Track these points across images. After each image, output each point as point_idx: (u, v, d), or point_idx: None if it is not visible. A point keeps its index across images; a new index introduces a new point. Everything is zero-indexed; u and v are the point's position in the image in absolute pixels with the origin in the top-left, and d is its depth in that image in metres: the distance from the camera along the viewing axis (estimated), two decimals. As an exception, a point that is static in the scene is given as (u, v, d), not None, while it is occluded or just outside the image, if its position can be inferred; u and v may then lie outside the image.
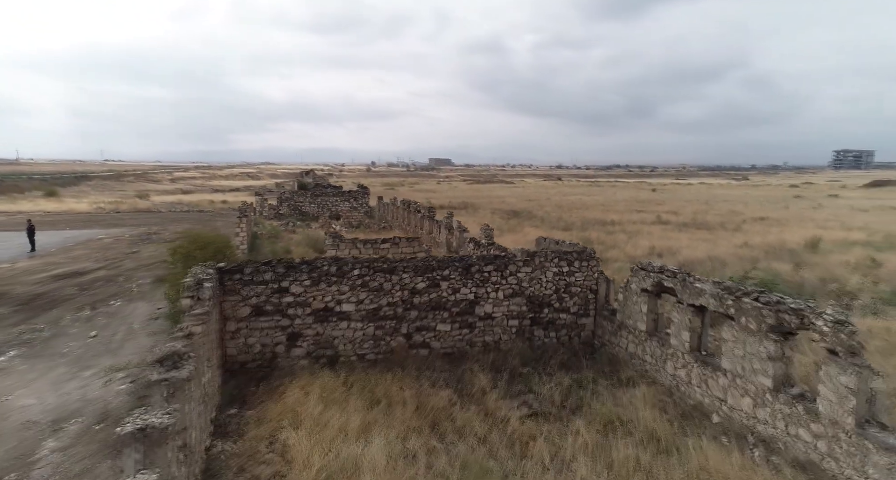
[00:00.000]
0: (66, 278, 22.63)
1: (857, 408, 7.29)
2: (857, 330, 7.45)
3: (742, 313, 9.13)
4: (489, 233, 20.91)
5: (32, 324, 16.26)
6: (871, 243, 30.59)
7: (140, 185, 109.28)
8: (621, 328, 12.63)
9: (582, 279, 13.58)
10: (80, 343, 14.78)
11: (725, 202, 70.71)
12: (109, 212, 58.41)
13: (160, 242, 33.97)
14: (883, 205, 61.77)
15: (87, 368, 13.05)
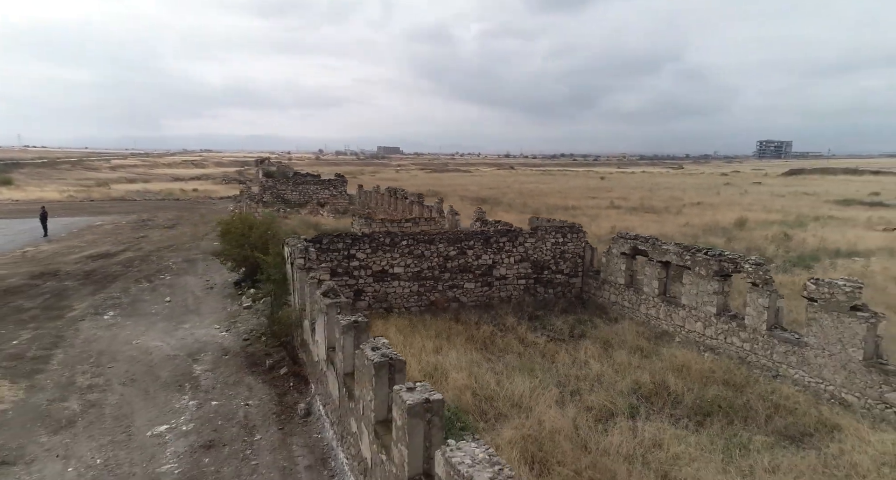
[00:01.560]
0: (101, 258, 24.54)
1: (768, 318, 11.21)
2: (769, 268, 11.36)
3: (696, 264, 12.96)
4: (482, 214, 24.34)
5: (107, 293, 18.54)
6: (785, 222, 35.95)
7: (78, 173, 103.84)
8: (604, 283, 16.40)
9: (573, 247, 17.26)
10: (161, 306, 17.31)
11: (666, 189, 76.39)
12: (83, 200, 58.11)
13: (158, 227, 35.65)
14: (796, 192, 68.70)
15: (182, 322, 15.72)
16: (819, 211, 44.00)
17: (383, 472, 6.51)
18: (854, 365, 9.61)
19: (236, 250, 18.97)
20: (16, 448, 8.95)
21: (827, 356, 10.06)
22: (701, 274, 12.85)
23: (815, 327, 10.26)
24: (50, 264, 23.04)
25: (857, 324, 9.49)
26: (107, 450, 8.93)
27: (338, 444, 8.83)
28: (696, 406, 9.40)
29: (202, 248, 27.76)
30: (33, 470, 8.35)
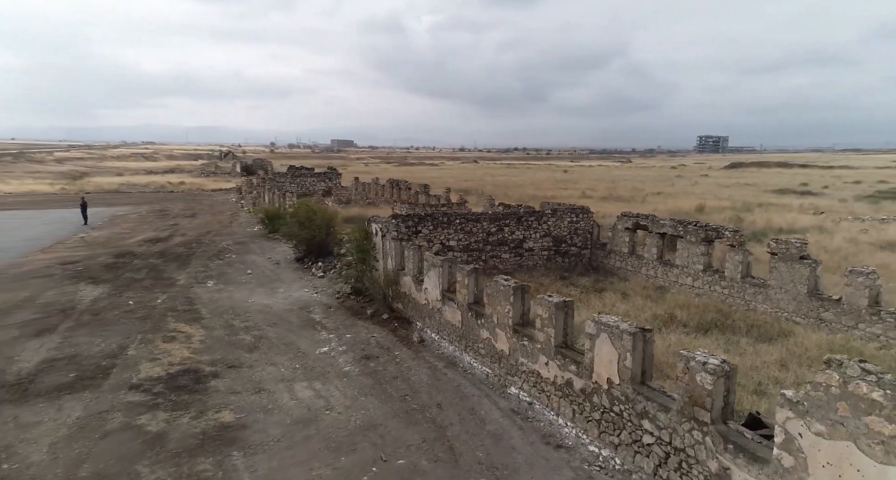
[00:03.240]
0: (157, 242, 26.98)
1: (742, 270, 15.37)
2: (743, 234, 15.53)
3: (688, 233, 17.05)
4: (493, 201, 28.03)
5: (192, 269, 21.29)
6: (734, 207, 41.24)
7: (25, 166, 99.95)
8: (611, 253, 20.41)
9: (584, 225, 21.19)
10: (247, 277, 20.26)
11: (626, 180, 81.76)
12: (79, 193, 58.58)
13: (179, 217, 37.82)
14: (738, 183, 75.19)
15: (274, 288, 18.78)
16: (761, 199, 50.28)
17: (525, 351, 10.15)
18: (801, 296, 13.85)
19: (304, 232, 22.04)
20: (233, 360, 12.12)
21: (783, 292, 14.28)
22: (691, 241, 16.96)
23: (774, 273, 14.48)
24: (116, 247, 25.39)
25: (804, 268, 13.72)
26: (295, 361, 12.21)
27: (462, 352, 12.39)
28: (699, 326, 13.40)
29: (242, 233, 30.43)
30: (256, 371, 11.59)
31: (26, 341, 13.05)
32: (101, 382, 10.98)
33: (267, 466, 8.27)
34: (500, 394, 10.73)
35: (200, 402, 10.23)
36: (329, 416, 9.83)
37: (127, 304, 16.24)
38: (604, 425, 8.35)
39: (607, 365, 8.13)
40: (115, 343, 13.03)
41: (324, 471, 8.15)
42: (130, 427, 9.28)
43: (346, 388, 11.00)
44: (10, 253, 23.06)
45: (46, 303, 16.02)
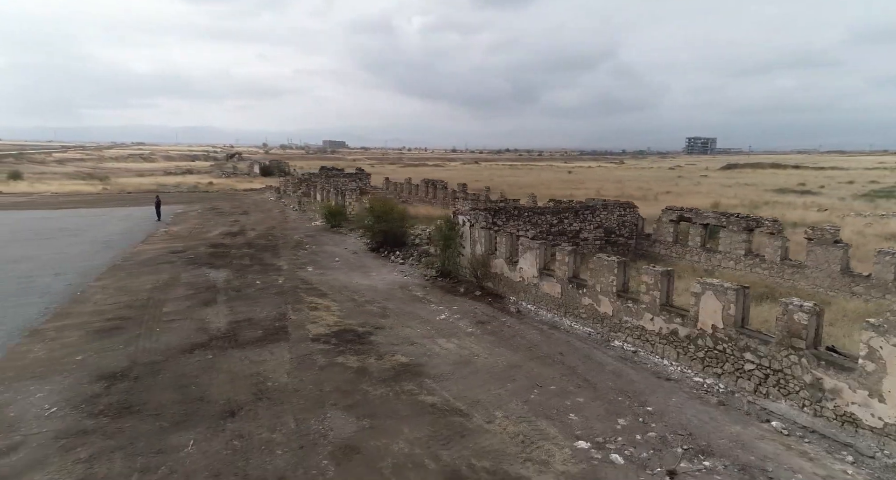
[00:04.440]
0: (236, 236, 29.28)
1: (781, 254, 17.89)
2: (782, 224, 18.06)
3: (730, 223, 19.57)
4: (535, 199, 30.49)
5: (284, 257, 23.64)
6: (743, 205, 43.88)
7: (30, 167, 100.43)
8: (655, 242, 22.92)
9: (630, 218, 23.69)
10: (337, 263, 22.64)
11: (631, 180, 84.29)
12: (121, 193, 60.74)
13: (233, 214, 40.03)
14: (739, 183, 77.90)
15: (366, 273, 21.14)
16: (764, 197, 52.96)
17: (629, 312, 12.61)
18: (835, 274, 16.40)
19: (381, 224, 24.45)
20: (374, 323, 14.55)
21: (819, 271, 16.83)
22: (733, 230, 19.49)
23: (811, 255, 17.03)
24: (203, 239, 27.71)
25: (838, 250, 16.27)
26: (424, 325, 14.62)
27: (561, 318, 14.85)
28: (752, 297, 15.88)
29: (304, 228, 32.81)
30: (398, 331, 14.03)
31: (201, 309, 15.47)
32: (287, 336, 13.42)
33: (454, 388, 10.74)
34: (605, 346, 13.21)
35: (373, 350, 12.69)
36: (479, 359, 12.29)
37: (255, 284, 18.64)
38: (707, 361, 10.84)
39: (712, 314, 10.62)
40: (273, 311, 15.46)
41: (499, 392, 10.62)
42: (335, 364, 11.74)
43: (478, 342, 13.46)
44: (119, 245, 25.36)
45: (190, 283, 18.41)
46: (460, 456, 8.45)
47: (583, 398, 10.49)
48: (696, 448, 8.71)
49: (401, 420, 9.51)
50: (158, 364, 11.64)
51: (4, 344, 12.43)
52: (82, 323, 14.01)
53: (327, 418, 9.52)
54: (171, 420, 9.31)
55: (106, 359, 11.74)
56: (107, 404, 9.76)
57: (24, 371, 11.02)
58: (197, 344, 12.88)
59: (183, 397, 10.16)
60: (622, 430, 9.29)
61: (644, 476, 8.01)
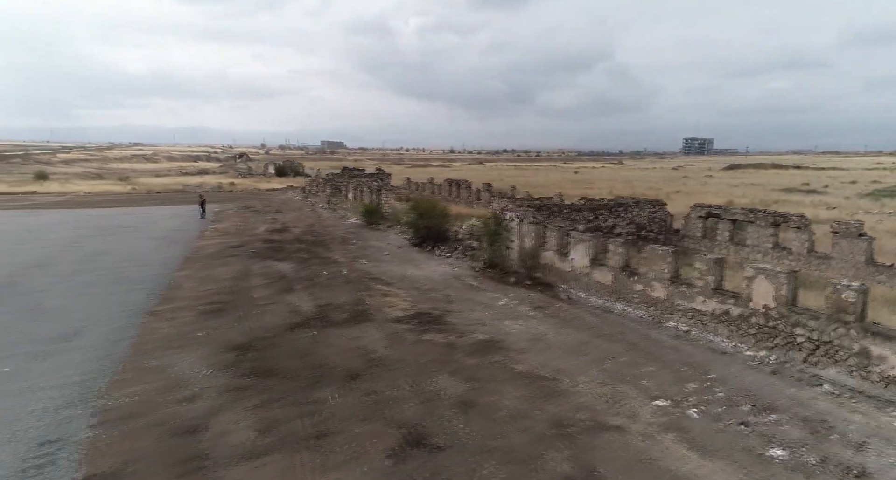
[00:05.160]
0: (282, 232, 30.67)
1: (808, 246, 19.24)
2: (808, 220, 19.42)
3: (758, 219, 20.93)
4: (561, 198, 31.85)
5: (336, 251, 25.03)
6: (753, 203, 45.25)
7: (43, 167, 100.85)
8: (684, 237, 24.28)
9: (660, 215, 25.06)
10: (387, 257, 24.02)
11: (638, 180, 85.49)
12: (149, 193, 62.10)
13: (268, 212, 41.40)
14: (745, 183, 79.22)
15: (417, 265, 22.53)
16: (772, 196, 54.24)
17: (681, 295, 14.00)
18: (860, 265, 17.77)
19: (424, 221, 25.86)
20: (443, 308, 15.92)
21: (844, 262, 18.20)
22: (761, 225, 20.86)
23: (836, 247, 18.39)
24: (253, 235, 29.11)
25: (863, 243, 17.63)
26: (488, 309, 15.99)
27: (613, 303, 16.23)
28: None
29: (342, 225, 34.22)
30: (467, 314, 15.40)
31: (285, 295, 16.88)
32: (370, 318, 14.82)
33: (536, 359, 12.13)
34: (659, 327, 14.59)
35: (453, 329, 14.07)
36: (549, 337, 13.68)
37: (321, 274, 20.04)
38: (759, 337, 12.22)
39: (764, 295, 11.99)
40: (349, 297, 16.86)
41: (576, 363, 12.00)
42: (424, 340, 13.14)
43: (543, 324, 14.85)
44: (179, 240, 26.79)
45: (263, 274, 19.81)
46: (560, 410, 9.84)
47: (651, 368, 11.87)
48: (760, 406, 10.09)
49: (500, 383, 10.90)
50: (271, 339, 13.05)
51: (135, 323, 13.84)
52: (188, 306, 15.43)
53: (436, 381, 10.92)
54: (305, 381, 10.73)
55: (226, 335, 13.16)
56: (247, 368, 11.18)
57: (164, 343, 12.45)
58: (295, 323, 14.29)
59: (306, 364, 11.57)
60: (692, 392, 10.68)
61: (719, 426, 9.39)
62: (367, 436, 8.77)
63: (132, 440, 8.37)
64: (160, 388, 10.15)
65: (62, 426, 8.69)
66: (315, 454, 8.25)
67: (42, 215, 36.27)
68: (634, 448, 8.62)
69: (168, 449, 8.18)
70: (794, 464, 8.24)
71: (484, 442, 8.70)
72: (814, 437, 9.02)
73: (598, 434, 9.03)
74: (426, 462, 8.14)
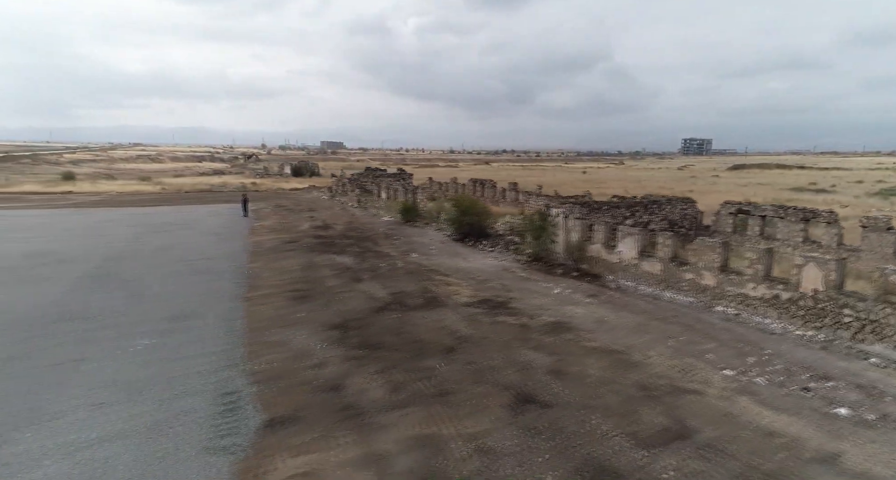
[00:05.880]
0: (326, 229, 31.93)
1: (837, 240, 20.40)
2: (837, 215, 20.57)
3: (787, 214, 22.11)
4: (591, 196, 33.03)
5: (383, 246, 26.29)
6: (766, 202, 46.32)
7: (55, 168, 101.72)
8: (714, 232, 25.45)
9: (691, 212, 26.24)
10: (434, 251, 25.25)
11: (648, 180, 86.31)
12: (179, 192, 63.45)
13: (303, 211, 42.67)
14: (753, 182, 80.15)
15: (465, 258, 23.78)
16: (783, 196, 55.09)
17: (731, 282, 15.20)
18: (889, 256, 18.92)
19: (466, 217, 27.12)
20: (504, 295, 17.16)
21: (872, 254, 19.35)
22: (791, 220, 22.03)
23: (866, 240, 19.55)
24: (300, 232, 30.38)
25: (890, 236, 18.78)
26: (545, 297, 17.20)
27: (662, 291, 17.43)
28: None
29: (380, 222, 35.47)
30: (527, 301, 16.62)
31: (356, 284, 18.16)
32: (442, 303, 16.07)
33: (604, 338, 13.36)
34: (708, 311, 15.79)
35: (521, 312, 15.31)
36: (610, 320, 14.90)
37: (381, 266, 21.30)
38: (807, 318, 13.41)
39: (813, 280, 13.19)
40: (415, 286, 18.12)
41: (641, 340, 13.22)
42: (499, 322, 14.38)
43: (600, 309, 16.07)
44: (232, 236, 28.11)
45: (327, 266, 21.10)
46: (640, 377, 11.07)
47: (710, 345, 13.08)
48: (817, 375, 11.31)
49: (580, 357, 12.14)
50: (362, 320, 14.33)
51: (236, 306, 15.16)
52: (275, 293, 16.73)
53: (523, 354, 12.17)
54: (409, 353, 11.99)
55: (321, 317, 14.44)
56: (354, 343, 12.46)
57: (271, 323, 13.76)
58: (377, 307, 15.56)
59: (403, 340, 12.84)
60: (753, 364, 11.89)
61: (784, 391, 10.60)
62: (483, 395, 10.04)
63: (289, 394, 9.68)
64: (290, 357, 11.46)
65: (228, 383, 10.02)
66: (445, 407, 9.52)
67: (91, 214, 37.68)
68: (715, 407, 9.85)
69: (322, 401, 9.48)
70: (858, 420, 9.46)
71: (583, 401, 9.95)
72: (870, 399, 10.23)
73: (680, 396, 10.26)
74: (540, 414, 9.39)
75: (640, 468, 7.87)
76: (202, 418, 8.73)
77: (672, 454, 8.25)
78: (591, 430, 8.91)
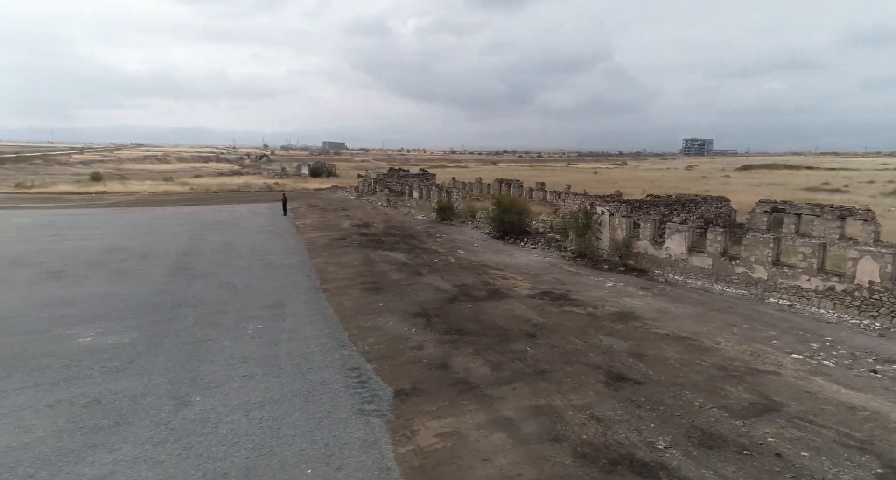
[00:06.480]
0: (367, 227, 32.79)
1: (872, 238, 21.05)
2: (874, 213, 21.21)
3: (824, 213, 22.75)
4: (619, 196, 33.72)
5: (429, 242, 27.11)
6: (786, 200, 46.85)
7: (66, 168, 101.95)
8: (749, 230, 26.07)
9: (725, 210, 26.92)
10: (476, 248, 26.03)
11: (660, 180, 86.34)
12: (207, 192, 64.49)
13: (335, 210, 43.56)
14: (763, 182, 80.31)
15: (510, 255, 24.56)
16: (798, 195, 54.97)
17: (784, 275, 15.91)
18: (925, 251, 19.52)
19: (507, 216, 27.92)
20: (561, 288, 17.92)
21: (910, 249, 19.95)
22: (827, 219, 22.66)
23: (903, 237, 20.14)
24: (343, 230, 31.26)
25: (928, 232, 19.40)
26: (601, 290, 17.96)
27: (712, 284, 18.15)
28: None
29: (415, 221, 36.31)
30: (585, 293, 17.38)
31: (419, 277, 18.98)
32: (506, 295, 16.85)
33: (670, 326, 14.09)
34: (761, 303, 16.51)
35: (582, 303, 16.05)
36: (670, 310, 15.64)
37: (434, 262, 22.12)
38: (862, 308, 14.11)
39: (869, 273, 13.89)
40: (475, 279, 18.92)
41: (706, 329, 13.95)
42: (567, 312, 15.16)
43: (657, 300, 16.80)
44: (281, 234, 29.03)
45: (385, 261, 21.93)
46: (716, 360, 11.82)
47: (772, 332, 13.81)
48: (881, 359, 12.02)
49: (653, 342, 12.90)
50: (439, 309, 15.15)
51: (318, 297, 16.05)
52: (348, 285, 17.60)
53: (600, 339, 12.95)
54: (495, 337, 12.79)
55: (400, 306, 15.28)
56: (442, 329, 13.29)
57: (358, 311, 14.61)
58: (448, 298, 16.38)
59: (484, 327, 13.65)
60: (818, 349, 12.61)
61: (854, 373, 11.32)
62: (577, 374, 10.83)
63: (404, 370, 10.53)
64: (390, 340, 12.31)
65: (347, 360, 10.90)
66: (547, 383, 10.32)
67: (138, 213, 38.73)
68: (794, 385, 10.59)
69: (436, 376, 10.31)
70: (929, 397, 10.19)
71: (671, 379, 10.71)
72: (937, 380, 10.95)
73: (759, 376, 11.01)
74: (635, 390, 10.17)
75: (742, 434, 8.63)
76: (340, 388, 9.60)
77: (767, 423, 9.01)
78: (686, 403, 9.68)
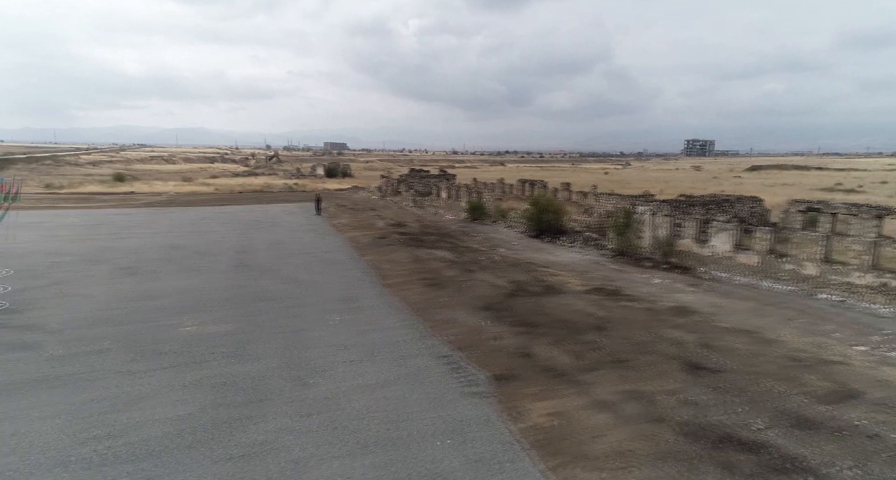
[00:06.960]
0: (402, 226, 33.28)
1: (912, 234, 21.34)
2: (912, 211, 21.50)
3: (860, 212, 23.02)
4: (652, 196, 34.08)
5: (467, 241, 27.60)
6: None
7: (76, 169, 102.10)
8: (783, 229, 26.40)
9: (759, 209, 27.23)
10: (516, 246, 26.48)
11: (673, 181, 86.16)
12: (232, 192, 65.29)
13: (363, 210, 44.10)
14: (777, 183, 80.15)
15: (549, 254, 24.97)
16: (815, 196, 54.51)
17: (834, 272, 16.26)
18: (966, 249, 19.80)
19: (544, 215, 28.38)
20: (611, 285, 18.34)
21: (950, 247, 20.22)
22: (864, 218, 22.92)
23: (943, 235, 20.41)
24: (379, 229, 31.78)
25: (969, 230, 19.68)
26: (647, 286, 18.37)
27: (759, 281, 18.52)
28: None
29: (447, 221, 36.82)
30: (636, 290, 17.79)
31: (471, 274, 19.45)
32: (560, 291, 17.30)
33: (730, 319, 14.43)
34: (812, 298, 16.88)
35: (637, 299, 16.47)
36: (724, 305, 16.02)
37: (480, 260, 22.58)
38: (916, 302, 14.45)
39: (922, 267, 14.23)
40: (526, 276, 19.36)
41: (764, 322, 14.32)
42: (624, 306, 15.57)
43: (708, 296, 17.19)
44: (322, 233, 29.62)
45: (432, 259, 22.41)
46: (783, 351, 12.22)
47: (831, 326, 14.19)
48: (942, 351, 12.39)
49: (718, 334, 13.31)
50: (503, 303, 15.63)
51: (383, 292, 16.60)
52: (408, 281, 18.12)
53: (666, 332, 13.36)
54: (565, 330, 13.25)
55: (464, 300, 15.78)
56: (512, 321, 13.76)
57: (427, 305, 15.13)
58: (507, 293, 16.85)
59: (552, 319, 14.11)
60: (881, 342, 12.99)
61: (919, 364, 11.71)
62: (655, 363, 11.28)
63: (493, 358, 11.04)
64: (467, 331, 12.82)
65: (435, 349, 11.44)
66: (629, 371, 10.78)
67: (174, 212, 39.44)
68: (865, 374, 10.98)
69: (524, 364, 10.81)
70: None
71: (746, 368, 11.13)
72: None
73: (829, 366, 11.41)
74: (715, 378, 10.61)
75: (831, 418, 9.05)
76: (440, 373, 10.13)
77: (851, 408, 9.42)
78: (768, 390, 10.11)
